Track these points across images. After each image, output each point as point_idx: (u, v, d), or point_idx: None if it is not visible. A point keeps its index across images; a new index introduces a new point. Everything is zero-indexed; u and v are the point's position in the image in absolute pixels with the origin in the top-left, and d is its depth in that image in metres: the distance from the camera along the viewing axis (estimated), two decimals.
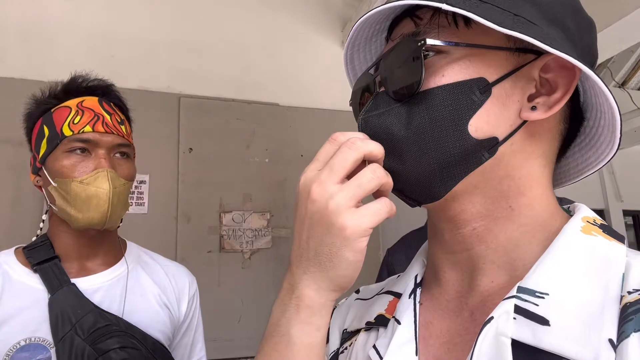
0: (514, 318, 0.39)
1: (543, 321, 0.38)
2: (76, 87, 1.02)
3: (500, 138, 0.44)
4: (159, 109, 2.27)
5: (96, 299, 0.96)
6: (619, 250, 0.41)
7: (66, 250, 1.00)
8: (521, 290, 0.40)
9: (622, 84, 2.84)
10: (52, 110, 0.99)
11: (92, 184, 0.93)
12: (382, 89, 0.49)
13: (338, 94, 2.47)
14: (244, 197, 2.36)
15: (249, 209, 2.36)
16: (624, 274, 0.39)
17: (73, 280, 0.96)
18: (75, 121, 0.96)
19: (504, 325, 0.39)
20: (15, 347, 0.86)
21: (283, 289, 0.47)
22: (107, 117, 0.99)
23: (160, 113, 2.28)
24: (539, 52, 0.44)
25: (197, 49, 2.41)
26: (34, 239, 1.04)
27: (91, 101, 1.00)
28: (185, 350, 1.12)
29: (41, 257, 0.97)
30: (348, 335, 0.57)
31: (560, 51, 0.40)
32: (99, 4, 2.27)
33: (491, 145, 0.43)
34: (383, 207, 0.43)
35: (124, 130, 1.02)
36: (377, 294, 0.58)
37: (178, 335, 1.10)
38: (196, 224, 2.26)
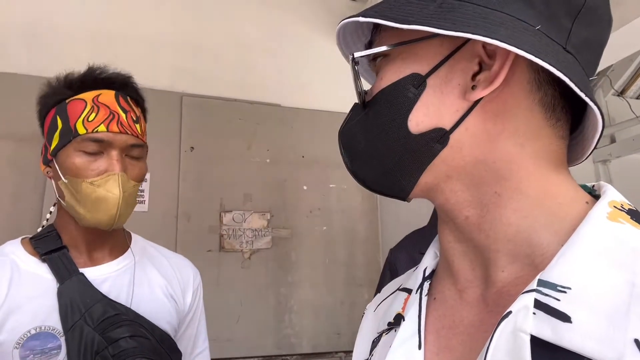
0: (534, 313, 0.36)
1: (564, 317, 0.35)
2: (93, 79, 0.99)
3: (448, 127, 0.43)
4: (161, 107, 2.26)
5: (104, 289, 0.97)
6: None
7: (74, 241, 1.00)
8: (542, 283, 0.37)
9: (621, 93, 2.85)
10: (67, 101, 0.97)
11: (102, 187, 0.92)
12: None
13: (339, 96, 2.49)
14: (245, 197, 2.37)
15: (249, 209, 2.36)
16: None
17: (81, 270, 0.96)
18: (90, 118, 0.94)
19: (522, 321, 0.36)
20: (25, 336, 0.87)
21: None
22: (123, 115, 0.97)
23: (163, 112, 2.27)
24: None
25: (200, 49, 2.42)
26: (39, 229, 1.03)
27: (107, 96, 0.98)
28: (189, 342, 1.13)
29: (49, 247, 0.97)
30: (377, 339, 0.56)
31: (474, 33, 0.38)
32: (102, 3, 2.28)
33: (439, 135, 0.43)
34: None
35: (138, 129, 1.00)
36: (393, 292, 0.58)
37: (182, 326, 1.10)
38: (196, 223, 2.25)
